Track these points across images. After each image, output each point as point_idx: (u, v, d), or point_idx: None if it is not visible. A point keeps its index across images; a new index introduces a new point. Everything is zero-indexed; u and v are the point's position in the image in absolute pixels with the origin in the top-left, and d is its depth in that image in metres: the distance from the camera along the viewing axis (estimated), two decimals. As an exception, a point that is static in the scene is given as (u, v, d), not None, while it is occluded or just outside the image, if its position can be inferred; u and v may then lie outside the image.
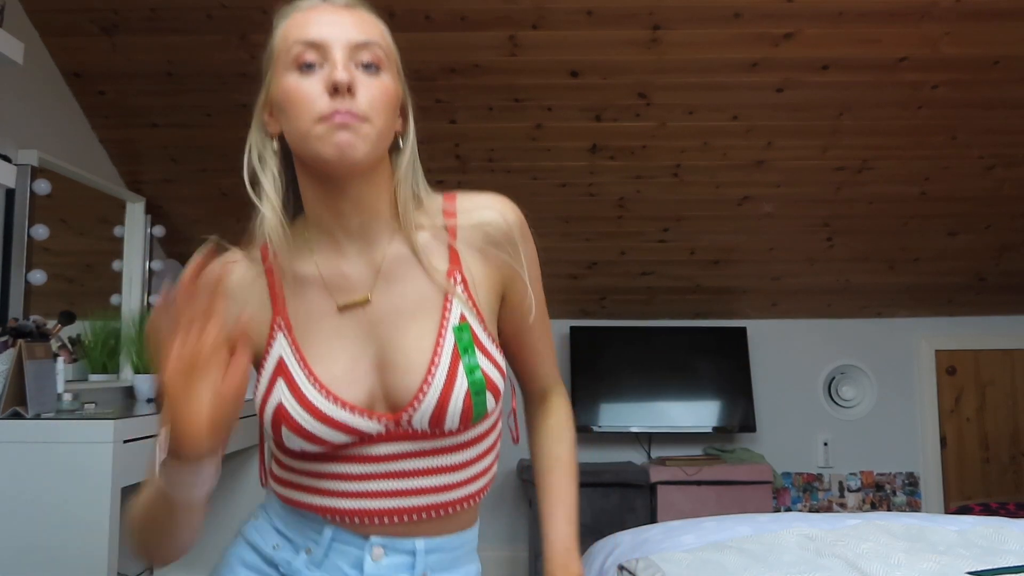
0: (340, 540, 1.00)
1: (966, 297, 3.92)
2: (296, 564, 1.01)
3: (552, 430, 1.16)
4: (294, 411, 0.95)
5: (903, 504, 3.95)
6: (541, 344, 1.13)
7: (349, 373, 0.97)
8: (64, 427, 2.09)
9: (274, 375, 0.98)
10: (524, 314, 1.07)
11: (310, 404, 0.95)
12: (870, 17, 2.61)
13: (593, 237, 3.55)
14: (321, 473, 0.99)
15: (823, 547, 1.68)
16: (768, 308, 3.98)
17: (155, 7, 2.58)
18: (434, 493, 0.99)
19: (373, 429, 0.97)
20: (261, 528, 1.06)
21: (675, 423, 3.78)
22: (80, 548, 2.03)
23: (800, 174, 3.24)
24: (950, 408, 4.02)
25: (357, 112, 0.91)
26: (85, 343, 2.93)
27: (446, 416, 0.96)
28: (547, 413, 1.17)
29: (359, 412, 0.96)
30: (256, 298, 1.02)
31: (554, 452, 1.14)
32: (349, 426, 0.96)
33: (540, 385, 1.17)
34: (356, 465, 0.98)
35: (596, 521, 3.40)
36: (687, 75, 2.83)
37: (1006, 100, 2.91)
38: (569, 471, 1.14)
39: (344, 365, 0.98)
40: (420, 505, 0.99)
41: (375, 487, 0.98)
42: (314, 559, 1.00)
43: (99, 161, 3.10)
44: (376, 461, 0.98)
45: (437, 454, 0.99)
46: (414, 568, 1.00)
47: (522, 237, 1.04)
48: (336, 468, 0.98)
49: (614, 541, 1.91)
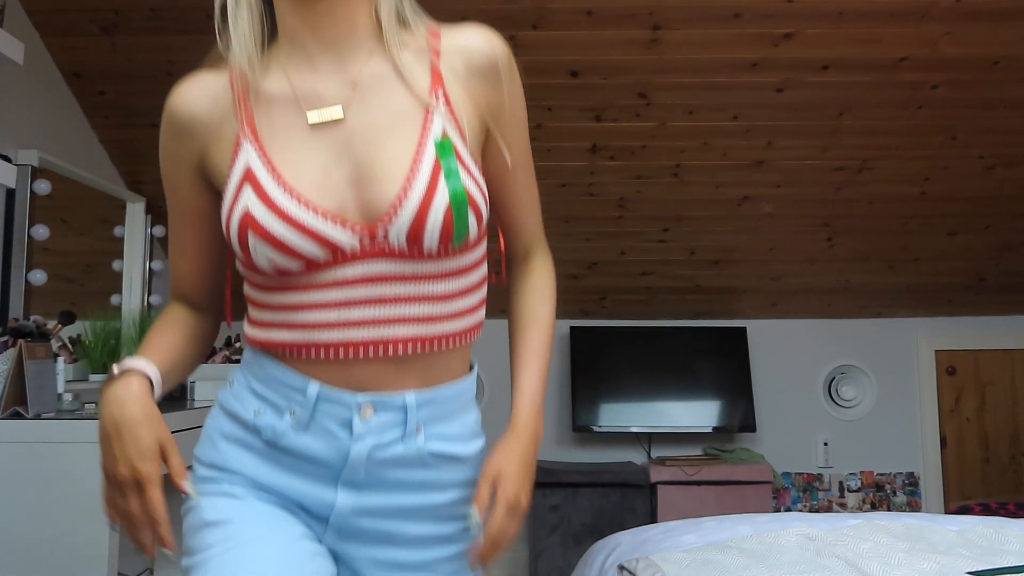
0: (327, 399, 0.94)
1: (966, 297, 3.92)
2: (280, 427, 0.96)
3: (535, 289, 1.13)
4: (262, 217, 0.90)
5: (903, 504, 3.95)
6: (526, 195, 1.09)
7: (322, 183, 0.92)
8: (64, 427, 2.10)
9: (240, 183, 0.93)
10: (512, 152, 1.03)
11: (279, 209, 0.90)
12: (870, 17, 2.61)
13: (593, 237, 3.55)
14: (298, 304, 0.94)
15: (823, 547, 1.68)
16: (768, 308, 3.98)
17: (155, 7, 2.59)
18: (418, 323, 0.94)
19: (347, 242, 0.91)
20: (239, 395, 1.00)
21: (675, 423, 3.78)
22: (80, 548, 2.03)
23: (800, 174, 3.24)
24: (950, 408, 4.02)
25: None
26: (85, 343, 2.93)
27: (425, 230, 0.91)
28: (530, 272, 1.13)
29: (334, 220, 0.91)
30: (219, 114, 0.97)
31: (537, 310, 1.11)
32: (321, 235, 0.90)
33: (524, 243, 1.13)
34: (334, 291, 0.92)
35: (596, 521, 3.40)
36: (687, 75, 2.83)
37: (1006, 100, 2.91)
38: (548, 330, 1.11)
39: (316, 175, 0.93)
40: (405, 336, 0.93)
41: (356, 315, 0.93)
42: (300, 421, 0.95)
43: (99, 161, 3.10)
44: (354, 284, 0.92)
45: (418, 280, 0.94)
46: (406, 424, 0.95)
47: (508, 69, 0.99)
48: (313, 296, 0.93)
49: (614, 541, 1.91)
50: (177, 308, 1.08)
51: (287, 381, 0.96)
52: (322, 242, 0.91)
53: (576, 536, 3.40)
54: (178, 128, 0.99)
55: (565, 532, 3.41)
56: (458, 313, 0.98)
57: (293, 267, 0.92)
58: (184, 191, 1.02)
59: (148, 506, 0.88)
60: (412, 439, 0.96)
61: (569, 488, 3.43)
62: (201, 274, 1.07)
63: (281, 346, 0.96)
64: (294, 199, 0.91)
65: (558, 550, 3.39)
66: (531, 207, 1.11)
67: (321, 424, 0.95)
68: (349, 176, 0.93)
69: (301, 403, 0.95)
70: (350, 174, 0.93)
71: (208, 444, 1.00)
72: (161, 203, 3.35)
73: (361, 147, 0.93)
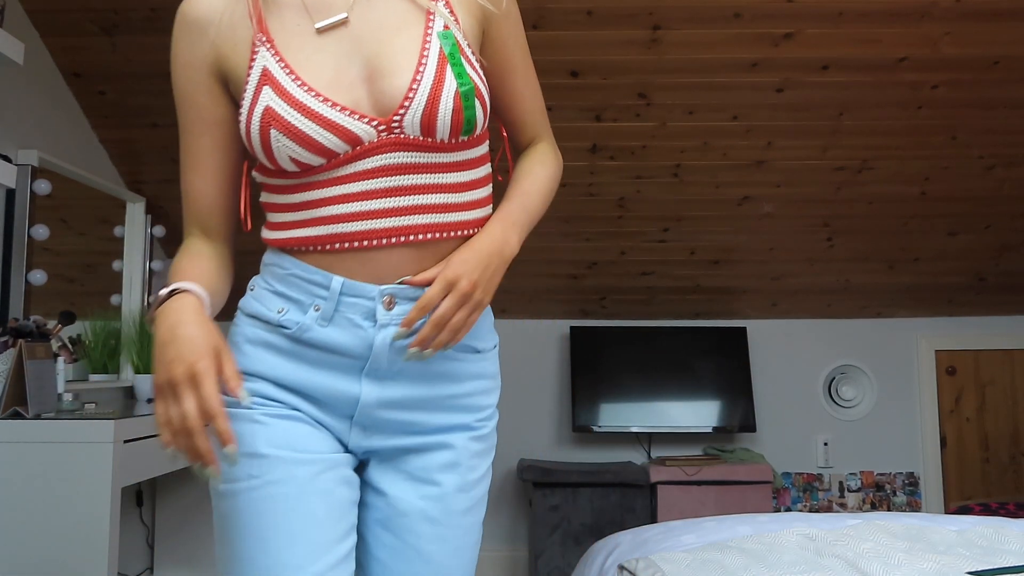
0: (350, 292, 0.98)
1: (966, 297, 3.92)
2: (305, 322, 1.00)
3: (537, 155, 1.16)
4: (285, 112, 0.95)
5: (903, 504, 3.95)
6: (528, 91, 1.15)
7: (336, 80, 0.98)
8: (64, 427, 2.10)
9: (259, 85, 0.98)
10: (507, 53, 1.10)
11: (300, 103, 0.96)
12: (870, 17, 2.61)
13: (593, 237, 3.55)
14: (320, 200, 0.98)
15: (823, 547, 1.68)
16: (768, 308, 3.98)
17: (155, 7, 2.59)
18: (435, 212, 0.99)
19: (365, 134, 0.97)
20: (260, 296, 1.04)
21: (675, 423, 3.78)
22: (80, 548, 2.03)
23: (800, 174, 3.24)
24: (950, 408, 4.02)
25: None
26: (85, 343, 2.93)
27: (437, 117, 0.97)
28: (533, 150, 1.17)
29: (350, 113, 0.96)
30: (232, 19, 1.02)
31: (535, 169, 1.14)
32: (342, 127, 0.96)
33: (528, 136, 1.17)
34: (355, 184, 0.97)
35: (596, 521, 3.40)
36: (687, 75, 2.83)
37: (1006, 100, 2.91)
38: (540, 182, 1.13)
39: (329, 74, 0.98)
40: (424, 224, 0.99)
41: (377, 205, 0.97)
42: (324, 315, 0.99)
43: (99, 161, 3.10)
44: (373, 176, 0.97)
45: (433, 170, 0.99)
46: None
47: None
48: (335, 191, 0.98)
49: (614, 541, 1.91)
50: (196, 241, 1.10)
51: (310, 277, 1.00)
52: (342, 134, 0.96)
53: (576, 536, 3.40)
54: (193, 31, 1.03)
55: (565, 532, 3.41)
56: (470, 203, 1.03)
57: (315, 161, 0.97)
58: (201, 98, 1.05)
59: (205, 402, 0.87)
60: None
61: (569, 488, 3.43)
62: (219, 191, 1.08)
63: (305, 241, 1.00)
64: (312, 95, 0.96)
65: (558, 550, 3.39)
66: (533, 102, 1.16)
67: (345, 316, 0.99)
68: (360, 73, 0.98)
69: (325, 297, 0.99)
70: (361, 71, 0.99)
71: (234, 351, 1.02)
72: (161, 203, 3.35)
73: (369, 45, 0.99)
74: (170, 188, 3.31)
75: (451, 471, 1.05)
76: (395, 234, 0.98)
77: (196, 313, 0.94)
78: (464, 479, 1.05)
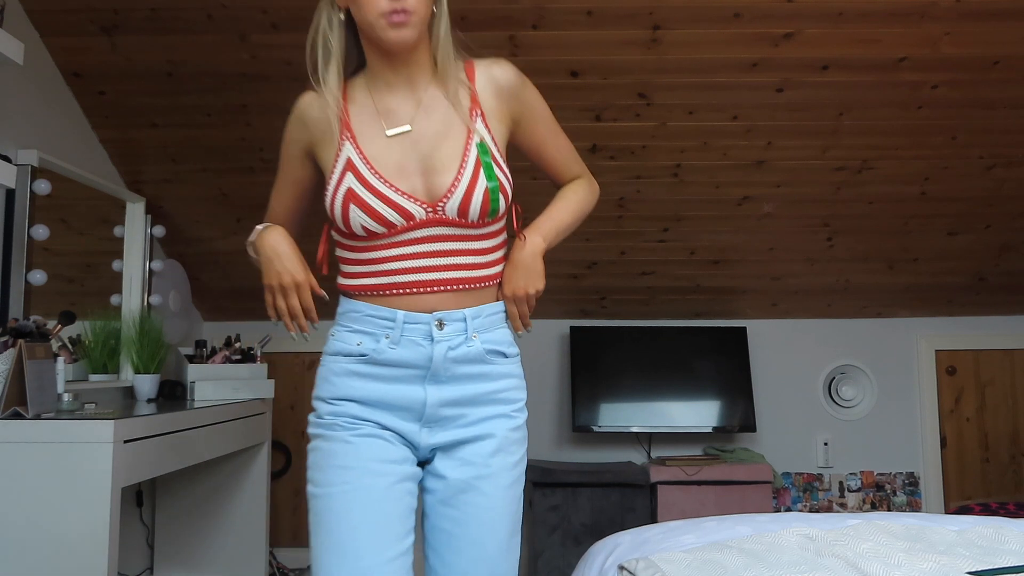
0: (410, 321, 1.35)
1: (966, 297, 3.92)
2: (380, 347, 1.36)
3: (573, 185, 1.57)
4: (361, 192, 1.33)
5: (903, 504, 3.95)
6: (559, 153, 1.55)
7: (400, 171, 1.35)
8: (64, 427, 2.10)
9: (343, 171, 1.36)
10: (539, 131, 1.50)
11: (373, 187, 1.33)
12: (870, 17, 2.61)
13: (593, 237, 3.55)
14: (383, 258, 1.36)
15: (823, 547, 1.68)
16: (768, 308, 3.98)
17: (155, 7, 2.58)
18: (466, 269, 1.38)
19: (417, 212, 1.34)
20: (340, 337, 1.40)
21: (675, 423, 3.78)
22: (80, 548, 2.03)
23: (800, 174, 3.24)
24: (950, 408, 4.02)
25: (408, 9, 1.30)
26: (85, 343, 2.93)
27: (470, 206, 1.34)
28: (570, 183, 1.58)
29: (408, 197, 1.34)
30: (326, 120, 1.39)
31: (568, 192, 1.56)
32: (401, 206, 1.33)
33: (568, 178, 1.58)
34: (407, 247, 1.35)
35: (596, 521, 3.40)
36: (687, 75, 2.83)
37: (1006, 100, 2.91)
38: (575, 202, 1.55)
39: (395, 166, 1.35)
40: (460, 277, 1.37)
41: (425, 263, 1.36)
42: (393, 340, 1.36)
43: (99, 161, 3.10)
44: (421, 243, 1.35)
45: (464, 240, 1.37)
46: (467, 331, 1.38)
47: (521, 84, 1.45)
48: (393, 252, 1.36)
49: (614, 541, 1.91)
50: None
51: (379, 315, 1.37)
52: (401, 211, 1.34)
53: (576, 536, 3.40)
54: (299, 122, 1.43)
55: (565, 532, 3.41)
56: (489, 263, 1.41)
57: (379, 230, 1.34)
58: (294, 161, 1.47)
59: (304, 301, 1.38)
60: (472, 342, 1.38)
61: (569, 488, 3.43)
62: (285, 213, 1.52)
63: (371, 288, 1.38)
64: (381, 181, 1.34)
65: (558, 550, 3.39)
66: (566, 154, 1.57)
67: (409, 339, 1.36)
68: (417, 167, 1.35)
69: (392, 327, 1.36)
70: (418, 166, 1.36)
71: (324, 384, 1.39)
72: (161, 203, 3.36)
73: (424, 147, 1.36)
74: (170, 188, 3.31)
75: (497, 455, 1.38)
76: (436, 285, 1.36)
77: (288, 239, 1.41)
78: (507, 461, 1.39)
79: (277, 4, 2.58)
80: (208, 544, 3.32)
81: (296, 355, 3.91)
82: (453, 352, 1.36)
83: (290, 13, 2.58)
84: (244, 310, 3.92)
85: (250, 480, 3.31)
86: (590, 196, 1.58)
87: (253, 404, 3.16)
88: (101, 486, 2.06)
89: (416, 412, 1.37)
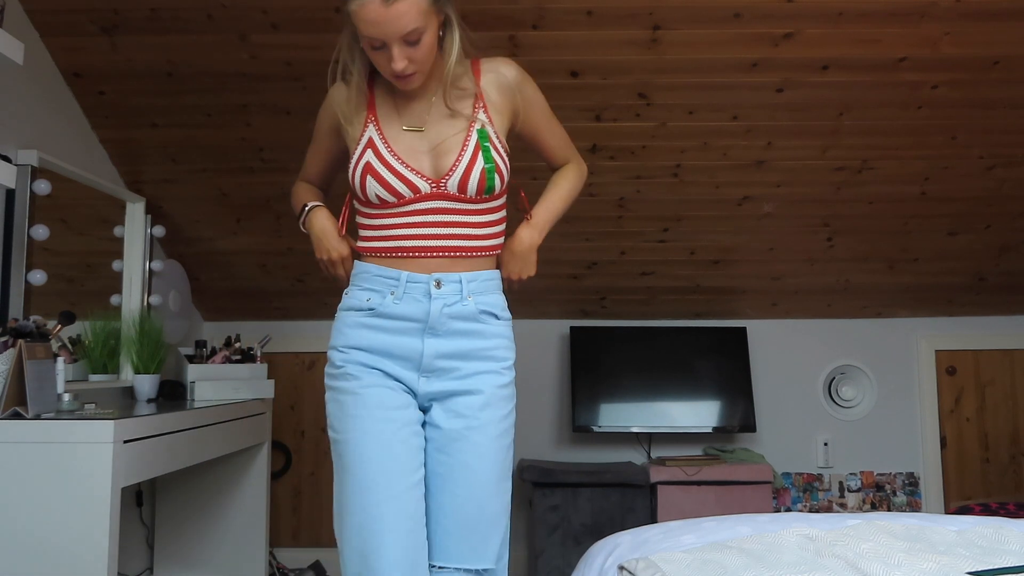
0: (412, 280, 1.58)
1: (966, 297, 3.92)
2: (386, 303, 1.58)
3: (563, 171, 1.80)
4: (378, 166, 1.57)
5: (903, 504, 3.95)
6: (554, 140, 1.78)
7: (411, 151, 1.59)
8: (64, 427, 2.10)
9: (365, 147, 1.59)
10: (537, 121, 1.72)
11: (387, 163, 1.57)
12: (870, 17, 2.61)
13: (593, 237, 3.55)
14: (392, 225, 1.60)
15: (823, 547, 1.68)
16: (768, 308, 3.98)
17: (155, 7, 2.58)
18: (465, 239, 1.60)
19: (423, 187, 1.57)
20: (352, 294, 1.63)
21: (675, 423, 3.78)
22: (80, 548, 2.03)
23: (800, 174, 3.24)
24: (950, 408, 4.02)
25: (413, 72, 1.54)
26: (85, 343, 2.93)
27: (469, 182, 1.56)
28: (562, 168, 1.81)
29: (416, 173, 1.57)
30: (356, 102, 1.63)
31: (559, 179, 1.79)
32: (409, 180, 1.57)
33: (561, 162, 1.80)
34: (415, 216, 1.58)
35: (596, 521, 3.40)
36: (687, 75, 2.83)
37: (1006, 100, 2.91)
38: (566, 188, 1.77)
39: (408, 147, 1.59)
40: (457, 246, 1.59)
41: (427, 232, 1.58)
42: (396, 296, 1.58)
43: (99, 161, 3.10)
44: (425, 213, 1.58)
45: (463, 214, 1.59)
46: (462, 292, 1.59)
47: (522, 79, 1.68)
48: (402, 220, 1.59)
49: (614, 541, 1.91)
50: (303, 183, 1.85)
51: (385, 275, 1.60)
52: (409, 185, 1.57)
53: (576, 536, 3.39)
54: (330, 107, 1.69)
55: (565, 532, 3.41)
56: (488, 235, 1.64)
57: (390, 199, 1.58)
58: (324, 136, 1.75)
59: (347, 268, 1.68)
60: (466, 301, 1.59)
61: (569, 488, 3.43)
62: (317, 171, 1.83)
63: (381, 251, 1.61)
64: (395, 157, 1.58)
65: (558, 550, 3.39)
66: (559, 141, 1.79)
67: (411, 295, 1.58)
68: (426, 149, 1.59)
69: (396, 285, 1.58)
70: (427, 148, 1.59)
71: (338, 335, 1.62)
72: (161, 203, 3.36)
73: (433, 135, 1.60)
74: (169, 188, 3.31)
75: (486, 409, 1.58)
76: (436, 251, 1.58)
77: (331, 219, 1.71)
78: (495, 414, 1.59)
79: (277, 4, 2.58)
80: (208, 544, 3.32)
81: (296, 355, 3.90)
82: (448, 309, 1.58)
83: (290, 13, 2.58)
84: (244, 310, 3.91)
85: (250, 480, 3.31)
86: (578, 180, 1.80)
87: (253, 404, 3.16)
88: (101, 486, 2.06)
89: (415, 362, 1.58)
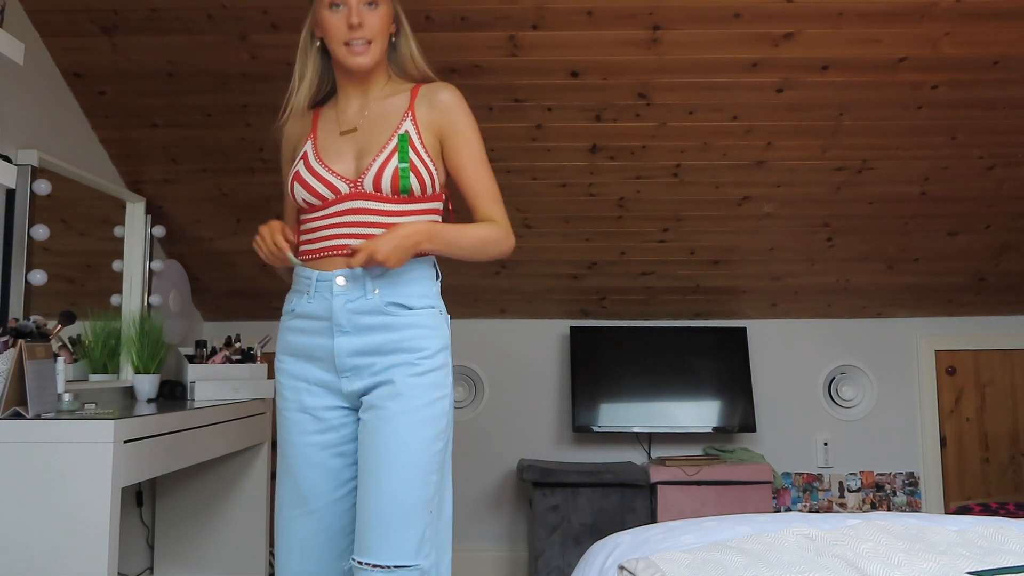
0: (320, 279, 1.64)
1: (966, 297, 3.92)
2: (302, 303, 1.66)
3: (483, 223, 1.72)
4: (303, 172, 1.67)
5: (903, 504, 3.95)
6: (478, 186, 1.72)
7: (339, 157, 1.68)
8: (64, 427, 2.10)
9: (299, 160, 1.70)
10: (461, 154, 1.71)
11: (312, 168, 1.67)
12: (870, 17, 2.61)
13: (593, 237, 3.55)
14: (315, 227, 1.67)
15: (823, 547, 1.68)
16: (768, 308, 3.98)
17: (155, 7, 2.58)
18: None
19: (342, 187, 1.65)
20: (288, 299, 1.72)
21: (675, 423, 3.78)
22: (80, 548, 2.03)
23: (800, 174, 3.24)
24: (950, 408, 4.02)
25: (366, 38, 1.65)
26: (85, 343, 2.93)
27: (382, 180, 1.63)
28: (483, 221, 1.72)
29: (337, 175, 1.66)
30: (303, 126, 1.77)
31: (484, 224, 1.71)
32: (329, 182, 1.65)
33: (481, 215, 1.73)
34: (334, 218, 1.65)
35: (596, 521, 3.40)
36: (687, 75, 2.83)
37: (1006, 100, 2.91)
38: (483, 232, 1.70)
39: (337, 153, 1.68)
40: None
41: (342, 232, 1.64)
42: (310, 296, 1.65)
43: (99, 161, 3.10)
44: (344, 214, 1.65)
45: (380, 214, 1.64)
46: (366, 287, 1.62)
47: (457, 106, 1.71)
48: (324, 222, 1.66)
49: (614, 541, 1.91)
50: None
51: (305, 275, 1.67)
52: (329, 186, 1.66)
53: (576, 536, 3.40)
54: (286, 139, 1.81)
55: (565, 532, 3.41)
56: None
57: (315, 202, 1.67)
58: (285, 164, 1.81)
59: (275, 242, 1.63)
60: (371, 295, 1.62)
61: (569, 488, 3.43)
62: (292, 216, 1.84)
63: (305, 253, 1.68)
64: (320, 163, 1.68)
65: (558, 550, 3.39)
66: (482, 189, 1.73)
67: (320, 294, 1.64)
68: (353, 152, 1.68)
69: (310, 285, 1.65)
70: (354, 151, 1.68)
71: (281, 339, 1.71)
72: (161, 203, 3.36)
73: (363, 139, 1.69)
74: (169, 188, 3.31)
75: (396, 399, 1.59)
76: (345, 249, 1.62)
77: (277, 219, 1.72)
78: (408, 404, 1.59)
79: (277, 4, 2.58)
80: (208, 544, 3.32)
81: (296, 355, 3.90)
82: (352, 304, 1.61)
83: (290, 13, 2.58)
84: (244, 310, 3.91)
85: (250, 480, 3.31)
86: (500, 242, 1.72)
87: (253, 404, 3.16)
88: (101, 486, 2.06)
89: (330, 362, 1.63)
